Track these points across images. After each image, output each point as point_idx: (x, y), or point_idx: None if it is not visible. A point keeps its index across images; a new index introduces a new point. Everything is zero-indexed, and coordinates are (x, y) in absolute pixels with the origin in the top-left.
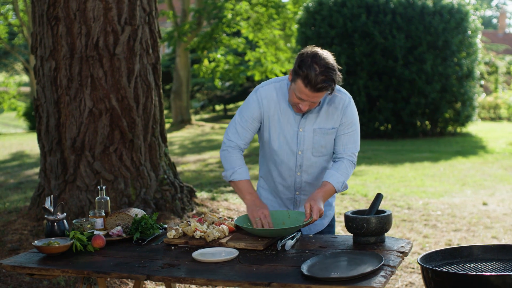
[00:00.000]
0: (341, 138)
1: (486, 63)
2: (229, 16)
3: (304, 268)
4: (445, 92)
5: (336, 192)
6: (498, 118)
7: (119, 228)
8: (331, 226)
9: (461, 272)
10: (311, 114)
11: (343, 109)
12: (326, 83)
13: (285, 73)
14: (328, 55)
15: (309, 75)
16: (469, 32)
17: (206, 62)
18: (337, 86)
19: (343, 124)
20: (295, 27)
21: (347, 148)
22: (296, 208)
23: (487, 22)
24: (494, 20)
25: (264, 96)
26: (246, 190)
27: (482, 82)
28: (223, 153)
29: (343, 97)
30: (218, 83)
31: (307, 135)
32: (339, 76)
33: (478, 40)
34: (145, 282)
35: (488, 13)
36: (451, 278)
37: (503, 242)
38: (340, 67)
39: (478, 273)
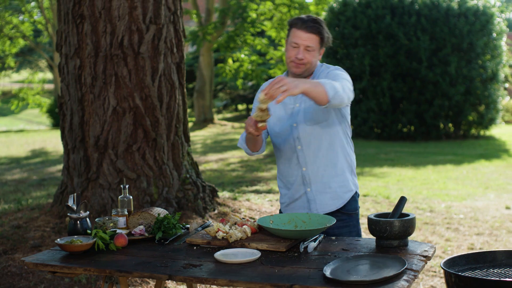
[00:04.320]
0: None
1: (510, 66)
2: (254, 16)
3: (327, 270)
4: (469, 94)
5: (326, 95)
6: None
7: (141, 227)
8: (353, 226)
9: (484, 277)
10: None
11: (328, 71)
12: (316, 24)
13: None
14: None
15: (300, 20)
16: (494, 35)
17: (230, 61)
18: (336, 66)
19: (329, 76)
20: None
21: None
22: (309, 189)
23: None
24: None
25: (263, 86)
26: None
27: (507, 85)
28: (239, 143)
29: (329, 67)
30: (240, 83)
31: (301, 109)
32: (326, 29)
33: (503, 42)
34: (166, 282)
35: None
36: (474, 283)
37: None
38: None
39: (502, 279)
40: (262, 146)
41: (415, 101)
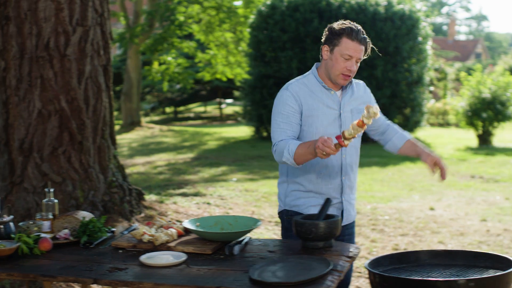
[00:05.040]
0: None
1: (435, 70)
2: (181, 18)
3: (252, 272)
4: (395, 97)
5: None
6: (447, 124)
7: (66, 231)
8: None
9: (408, 277)
10: (347, 95)
11: (364, 88)
12: (366, 37)
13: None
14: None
15: (352, 30)
16: (420, 39)
17: (156, 64)
18: None
19: (371, 101)
20: (246, 30)
21: (382, 117)
22: (342, 194)
23: (437, 29)
24: (444, 27)
25: (297, 90)
26: (307, 147)
27: (432, 88)
28: (275, 154)
29: (362, 83)
30: (166, 86)
31: (347, 116)
32: None
33: (429, 46)
34: (91, 286)
35: (439, 20)
36: (398, 283)
37: (449, 247)
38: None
39: (424, 278)
40: None
41: None
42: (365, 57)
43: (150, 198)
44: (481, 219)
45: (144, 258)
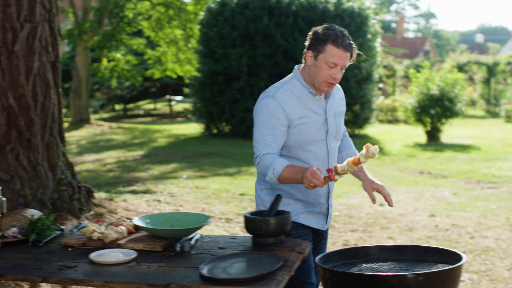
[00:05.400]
0: (341, 119)
1: (384, 67)
2: (131, 15)
3: (203, 269)
4: (344, 94)
5: None
6: (395, 121)
7: (14, 229)
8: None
9: (358, 272)
10: (330, 99)
11: (341, 92)
12: (351, 43)
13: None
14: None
15: (338, 36)
16: (369, 36)
17: (105, 61)
18: None
19: (344, 106)
20: (196, 27)
21: (343, 127)
22: (328, 200)
23: (386, 27)
24: (393, 25)
25: (284, 99)
26: (294, 173)
27: (381, 85)
28: (258, 166)
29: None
30: (114, 83)
31: (331, 120)
32: None
33: (378, 44)
34: (41, 284)
35: (388, 17)
36: (348, 278)
37: (398, 242)
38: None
39: (374, 273)
40: None
41: None
42: (350, 63)
43: (99, 195)
44: (429, 215)
45: (94, 255)
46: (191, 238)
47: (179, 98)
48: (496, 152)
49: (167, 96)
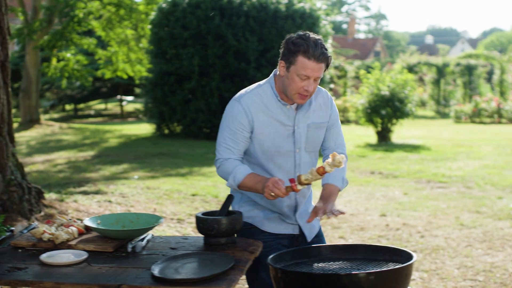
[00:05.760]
0: (331, 132)
1: (335, 68)
2: (81, 15)
3: (155, 269)
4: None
5: (339, 190)
6: (347, 121)
7: None
8: (320, 235)
9: (310, 271)
10: (302, 110)
11: (330, 102)
12: (325, 53)
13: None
14: (309, 33)
15: (309, 47)
16: (320, 37)
17: (55, 61)
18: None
19: (332, 118)
20: (148, 27)
21: (337, 141)
22: (297, 214)
23: (337, 28)
24: (344, 26)
25: (249, 103)
26: (255, 183)
27: (332, 85)
28: (218, 170)
29: (325, 92)
30: (64, 83)
31: (302, 132)
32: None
33: (329, 44)
34: None
35: (339, 18)
36: (300, 277)
37: (350, 242)
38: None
39: (326, 272)
40: None
41: None
42: (325, 72)
43: (50, 196)
44: (380, 214)
45: (44, 257)
46: (143, 239)
47: (130, 98)
48: (446, 152)
49: (118, 96)
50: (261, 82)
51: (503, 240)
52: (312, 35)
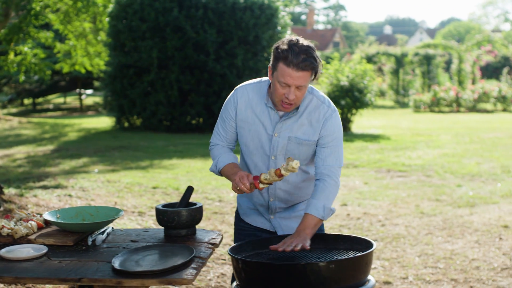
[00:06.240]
0: (320, 151)
1: None
2: (38, 8)
3: (115, 262)
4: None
5: (322, 220)
6: None
7: None
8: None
9: (271, 261)
10: (289, 120)
11: (324, 121)
12: (308, 60)
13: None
14: (302, 39)
15: (290, 55)
16: (279, 28)
17: (12, 55)
18: (326, 98)
19: (323, 137)
20: (106, 20)
21: (326, 162)
22: (272, 216)
23: (296, 19)
24: (303, 17)
25: (240, 95)
26: (231, 173)
27: None
28: (210, 153)
29: (326, 109)
30: (22, 77)
31: (281, 141)
32: (319, 58)
33: (288, 35)
34: None
35: (298, 9)
36: (261, 268)
37: None
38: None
39: (287, 262)
40: None
41: (203, 94)
42: (313, 80)
43: (9, 191)
44: (341, 204)
45: (3, 252)
46: (103, 232)
47: (89, 91)
48: (405, 141)
49: (77, 90)
50: (264, 78)
51: (462, 227)
52: (301, 41)
